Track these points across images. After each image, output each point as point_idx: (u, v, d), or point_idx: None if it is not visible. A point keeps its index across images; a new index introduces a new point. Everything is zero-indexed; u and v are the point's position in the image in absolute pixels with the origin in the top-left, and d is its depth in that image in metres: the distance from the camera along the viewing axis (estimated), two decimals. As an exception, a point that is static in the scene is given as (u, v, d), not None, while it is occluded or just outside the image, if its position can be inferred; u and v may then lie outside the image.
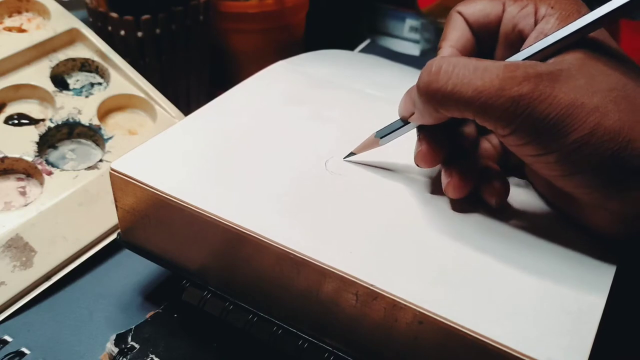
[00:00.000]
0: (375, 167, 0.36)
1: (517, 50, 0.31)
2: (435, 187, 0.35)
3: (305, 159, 0.36)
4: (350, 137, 0.39)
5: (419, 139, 0.33)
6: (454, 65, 0.29)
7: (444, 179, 0.33)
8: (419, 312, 0.28)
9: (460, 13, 0.35)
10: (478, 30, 0.34)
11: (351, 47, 0.74)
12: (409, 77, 0.51)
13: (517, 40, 0.33)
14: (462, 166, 0.33)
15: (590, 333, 0.27)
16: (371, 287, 0.29)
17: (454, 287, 0.29)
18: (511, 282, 0.29)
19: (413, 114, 0.33)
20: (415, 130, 0.34)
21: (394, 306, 0.28)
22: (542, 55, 0.30)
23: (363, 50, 0.74)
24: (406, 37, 0.79)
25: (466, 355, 0.27)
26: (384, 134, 0.35)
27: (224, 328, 0.35)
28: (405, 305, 0.28)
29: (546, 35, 0.30)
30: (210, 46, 0.61)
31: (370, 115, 0.42)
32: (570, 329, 0.27)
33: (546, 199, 0.34)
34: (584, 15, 0.29)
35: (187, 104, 0.60)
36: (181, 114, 0.50)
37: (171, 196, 0.33)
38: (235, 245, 0.32)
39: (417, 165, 0.34)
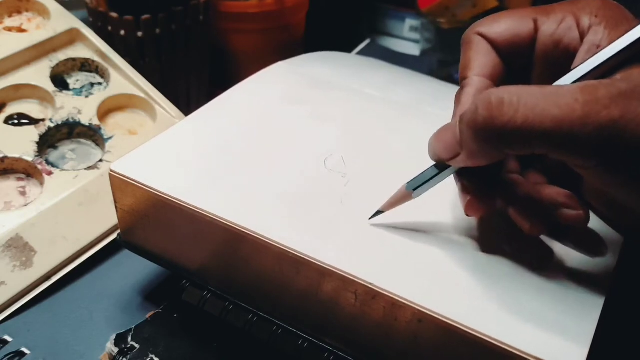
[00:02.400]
0: (378, 166, 0.36)
1: (563, 68, 0.28)
2: (436, 188, 0.35)
3: (304, 159, 0.36)
4: (349, 136, 0.39)
5: (464, 188, 0.30)
6: (518, 95, 0.25)
7: (524, 223, 0.29)
8: (419, 310, 0.28)
9: (482, 35, 0.31)
10: (506, 52, 0.31)
11: (351, 47, 0.74)
12: (407, 78, 0.51)
13: (562, 58, 0.30)
14: (532, 208, 0.30)
15: (589, 331, 0.27)
16: (370, 286, 0.29)
17: (453, 286, 0.29)
18: (510, 280, 0.29)
19: (458, 155, 0.28)
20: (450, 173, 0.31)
21: (394, 305, 0.28)
22: (601, 70, 0.27)
23: (363, 50, 0.74)
24: (406, 37, 0.79)
25: (466, 353, 0.27)
26: (417, 185, 0.31)
27: (224, 328, 0.35)
28: (404, 303, 0.28)
29: (599, 47, 0.27)
30: (210, 46, 0.61)
31: (369, 114, 0.42)
32: (569, 327, 0.27)
33: (599, 212, 0.32)
34: (633, 20, 0.27)
35: (187, 104, 0.60)
36: (181, 114, 0.50)
37: (171, 196, 0.33)
38: (235, 245, 0.32)
39: (468, 216, 0.30)
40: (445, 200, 0.34)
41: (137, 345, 0.36)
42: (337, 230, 0.32)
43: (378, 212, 0.32)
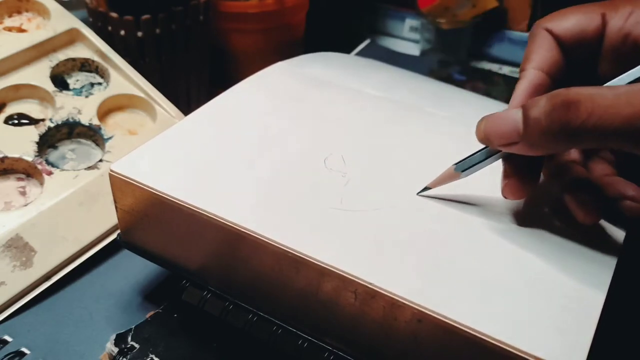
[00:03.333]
0: (378, 166, 0.36)
1: (632, 63, 0.29)
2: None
3: (304, 158, 0.36)
4: (349, 136, 0.39)
5: (508, 170, 0.31)
6: (592, 97, 0.26)
7: (579, 211, 0.31)
8: (418, 310, 0.28)
9: (548, 30, 0.32)
10: (573, 46, 0.32)
11: (351, 47, 0.74)
12: (407, 79, 0.51)
13: (631, 52, 0.31)
14: (591, 194, 0.31)
15: (589, 330, 0.27)
16: (370, 286, 0.29)
17: (453, 285, 0.29)
18: (510, 279, 0.29)
19: (515, 143, 0.29)
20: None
21: (393, 304, 0.28)
22: None
23: (363, 50, 0.74)
24: (406, 37, 0.79)
25: (465, 352, 0.27)
26: (466, 167, 0.33)
27: (224, 328, 0.35)
28: (404, 303, 0.28)
29: None
30: (210, 46, 0.61)
31: (369, 114, 0.42)
32: (569, 326, 0.27)
33: None
34: None
35: (187, 104, 0.60)
36: (181, 114, 0.50)
37: (170, 196, 0.33)
38: (235, 244, 0.32)
39: (505, 198, 0.32)
40: (444, 200, 0.34)
41: (137, 345, 0.36)
42: (337, 229, 0.32)
43: (426, 188, 0.34)
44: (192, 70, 0.59)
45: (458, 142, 0.39)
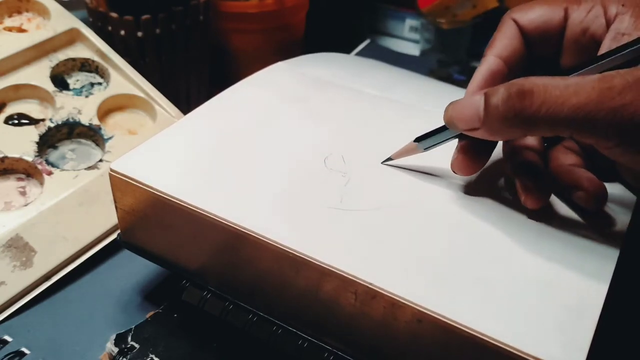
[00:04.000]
0: (378, 166, 0.36)
1: (590, 55, 0.30)
2: (434, 187, 0.35)
3: (304, 158, 0.36)
4: (349, 135, 0.39)
5: (461, 147, 0.33)
6: (544, 86, 0.27)
7: (522, 194, 0.32)
8: (418, 310, 0.28)
9: (514, 20, 0.34)
10: (536, 37, 0.33)
11: (351, 47, 0.74)
12: (407, 79, 0.51)
13: (589, 45, 0.32)
14: (537, 179, 0.32)
15: (589, 329, 0.27)
16: (370, 286, 0.29)
17: (453, 285, 0.29)
18: (510, 279, 0.29)
19: (476, 129, 0.30)
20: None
21: (393, 305, 0.28)
22: (624, 59, 0.28)
23: (363, 50, 0.74)
24: (406, 37, 0.79)
25: (465, 352, 0.27)
26: (428, 145, 0.34)
27: (224, 328, 0.35)
28: (404, 303, 0.28)
29: (623, 35, 0.29)
30: (210, 46, 0.61)
31: (369, 114, 0.42)
32: (569, 326, 0.27)
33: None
34: None
35: (187, 104, 0.60)
36: (181, 114, 0.50)
37: (170, 196, 0.33)
38: (235, 245, 0.32)
39: (454, 172, 0.33)
40: (444, 199, 0.34)
41: (137, 345, 0.36)
42: (337, 229, 0.32)
43: (389, 159, 0.36)
44: (192, 70, 0.59)
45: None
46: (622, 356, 0.36)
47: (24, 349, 0.37)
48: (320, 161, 0.36)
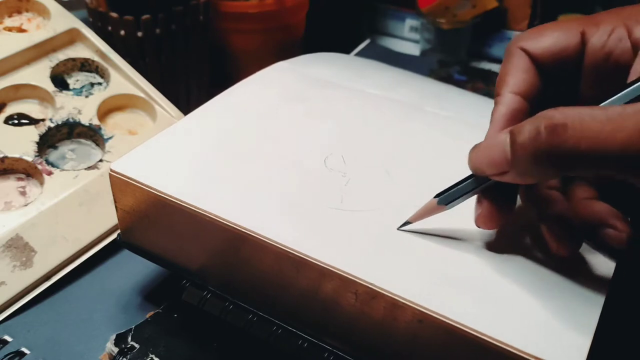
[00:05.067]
0: (378, 166, 0.36)
1: (614, 82, 0.27)
2: (434, 186, 0.35)
3: (304, 158, 0.36)
4: (349, 135, 0.39)
5: (482, 199, 0.30)
6: (580, 119, 0.24)
7: (554, 243, 0.29)
8: (418, 310, 0.28)
9: (524, 50, 0.30)
10: (550, 67, 0.30)
11: (351, 47, 0.74)
12: (407, 79, 0.51)
13: (613, 71, 0.29)
14: (568, 227, 0.30)
15: (589, 330, 0.27)
16: (370, 286, 0.29)
17: (453, 286, 0.29)
18: (510, 279, 0.29)
19: (505, 172, 0.27)
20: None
21: (393, 305, 0.28)
22: None
23: (363, 50, 0.74)
24: (406, 37, 0.79)
25: (466, 353, 0.27)
26: (450, 200, 0.31)
27: (224, 328, 0.35)
28: (404, 303, 0.28)
29: None
30: (210, 46, 0.61)
31: (370, 114, 0.42)
32: (569, 326, 0.27)
33: None
34: None
35: (187, 104, 0.60)
36: (181, 114, 0.50)
37: (170, 196, 0.33)
38: (235, 245, 0.32)
39: (478, 227, 0.30)
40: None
41: (137, 345, 0.36)
42: (338, 230, 0.32)
43: (407, 223, 0.32)
44: (192, 70, 0.59)
45: (458, 142, 0.39)
46: (622, 356, 0.36)
47: (24, 349, 0.37)
48: (321, 161, 0.36)
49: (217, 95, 0.42)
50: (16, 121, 0.47)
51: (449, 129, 0.41)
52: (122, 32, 0.54)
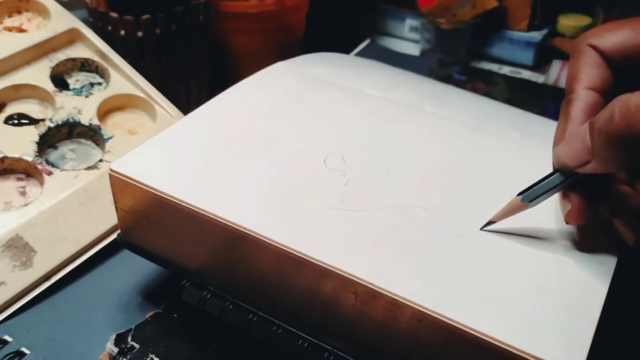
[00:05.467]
0: (378, 166, 0.36)
1: None
2: (435, 186, 0.35)
3: (304, 158, 0.36)
4: (349, 135, 0.39)
5: (570, 195, 0.30)
6: None
7: (629, 235, 0.30)
8: (418, 310, 0.28)
9: (593, 46, 0.31)
10: (621, 63, 0.31)
11: (351, 47, 0.74)
12: (407, 79, 0.51)
13: None
14: (632, 219, 0.30)
15: (589, 330, 0.27)
16: (370, 286, 0.29)
17: (453, 285, 0.29)
18: (510, 279, 0.29)
19: (587, 162, 0.28)
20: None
21: (393, 305, 0.28)
22: None
23: (363, 50, 0.74)
24: (406, 37, 0.79)
25: (465, 352, 0.27)
26: (534, 197, 0.31)
27: (224, 328, 0.35)
28: (404, 303, 0.28)
29: None
30: (210, 46, 0.61)
31: (369, 114, 0.42)
32: (569, 326, 0.27)
33: None
34: None
35: (187, 104, 0.60)
36: (181, 114, 0.50)
37: (170, 196, 0.33)
38: (235, 244, 0.32)
39: (567, 223, 0.31)
40: (444, 199, 0.34)
41: (137, 345, 0.36)
42: (337, 229, 0.32)
43: (490, 222, 0.32)
44: (192, 70, 0.59)
45: (458, 142, 0.39)
46: (622, 356, 0.36)
47: (24, 349, 0.37)
48: (320, 161, 0.36)
49: (217, 95, 0.42)
50: (16, 121, 0.47)
51: (449, 129, 0.41)
52: (122, 32, 0.54)
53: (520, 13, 0.70)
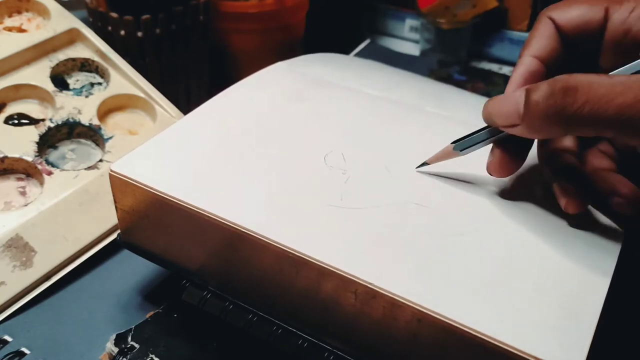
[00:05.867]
0: (378, 164, 0.36)
1: (630, 57, 0.29)
2: (435, 185, 0.35)
3: (304, 157, 0.36)
4: (349, 134, 0.39)
5: (495, 149, 0.32)
6: (589, 85, 0.26)
7: (562, 198, 0.32)
8: (418, 310, 0.28)
9: (552, 19, 0.33)
10: (574, 37, 0.33)
11: (351, 47, 0.74)
12: (406, 79, 0.51)
13: (631, 47, 0.31)
14: (578, 183, 0.32)
15: (589, 330, 0.27)
16: (370, 286, 0.29)
17: (453, 285, 0.29)
18: (510, 279, 0.29)
19: (516, 125, 0.29)
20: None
21: (393, 304, 0.28)
22: None
23: (363, 50, 0.74)
24: (406, 37, 0.79)
25: (465, 352, 0.27)
26: (465, 146, 0.33)
27: (224, 328, 0.35)
28: (403, 303, 0.28)
29: None
30: (210, 46, 0.61)
31: (369, 113, 0.42)
32: (569, 326, 0.27)
33: None
34: None
35: (187, 104, 0.60)
36: (181, 114, 0.50)
37: (170, 196, 0.33)
38: (235, 244, 0.32)
39: (490, 175, 0.33)
40: (444, 199, 0.34)
41: (137, 345, 0.36)
42: (337, 228, 0.32)
43: (424, 164, 0.35)
44: (192, 70, 0.59)
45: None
46: (622, 356, 0.36)
47: (24, 349, 0.37)
48: (320, 159, 0.36)
49: (217, 95, 0.42)
50: (16, 121, 0.47)
51: (448, 128, 0.41)
52: (122, 32, 0.54)
53: (520, 13, 0.70)
